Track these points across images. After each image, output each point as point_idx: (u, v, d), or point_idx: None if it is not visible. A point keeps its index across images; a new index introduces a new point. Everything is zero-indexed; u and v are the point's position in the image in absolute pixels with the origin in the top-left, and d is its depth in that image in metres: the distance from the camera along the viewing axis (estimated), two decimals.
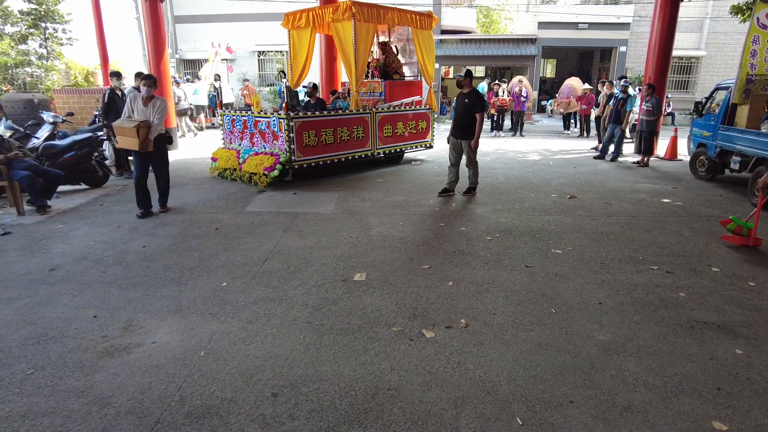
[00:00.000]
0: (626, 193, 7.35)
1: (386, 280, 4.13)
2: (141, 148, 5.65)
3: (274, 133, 7.76)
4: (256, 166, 7.64)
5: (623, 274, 4.30)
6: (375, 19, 8.45)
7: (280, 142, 7.65)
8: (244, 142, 8.39)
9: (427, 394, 2.64)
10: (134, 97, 5.84)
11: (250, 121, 8.20)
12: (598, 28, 21.41)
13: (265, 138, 7.94)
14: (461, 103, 6.80)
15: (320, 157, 8.12)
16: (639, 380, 2.77)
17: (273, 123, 7.72)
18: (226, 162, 8.24)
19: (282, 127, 7.51)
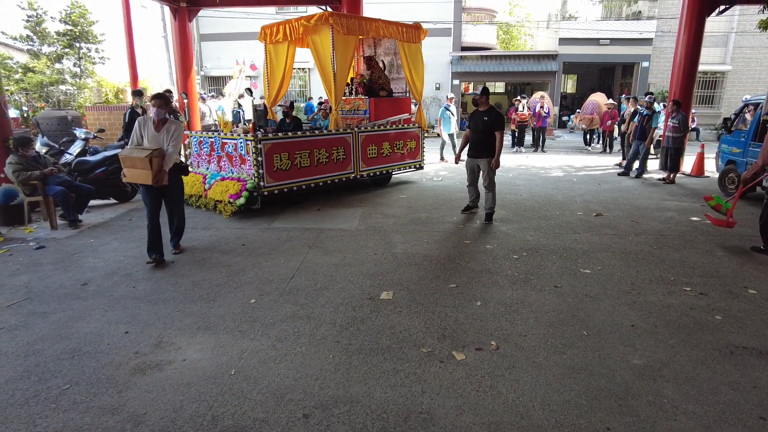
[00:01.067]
0: (653, 211, 7.22)
1: (413, 299, 4.11)
2: (155, 182, 4.73)
3: (241, 157, 7.00)
4: (221, 193, 6.91)
5: (655, 295, 4.21)
6: (357, 31, 7.84)
7: (247, 167, 6.89)
8: (212, 166, 7.67)
9: (460, 419, 2.60)
10: (144, 122, 4.98)
11: (216, 143, 7.41)
12: (619, 44, 21.30)
13: (232, 162, 7.20)
14: (479, 120, 6.47)
15: (294, 182, 7.32)
16: (678, 408, 2.69)
17: (240, 145, 6.97)
18: (191, 188, 7.36)
19: (249, 150, 6.75)
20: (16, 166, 6.35)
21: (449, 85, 22.47)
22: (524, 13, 35.88)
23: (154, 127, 4.92)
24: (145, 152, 4.69)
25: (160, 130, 4.93)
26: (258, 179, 6.78)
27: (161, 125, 4.94)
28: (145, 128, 4.95)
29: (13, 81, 14.70)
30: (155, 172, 4.70)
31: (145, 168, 4.70)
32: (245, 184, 6.69)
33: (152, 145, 4.83)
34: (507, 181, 9.79)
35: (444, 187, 9.24)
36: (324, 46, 7.62)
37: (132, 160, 4.79)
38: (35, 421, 2.62)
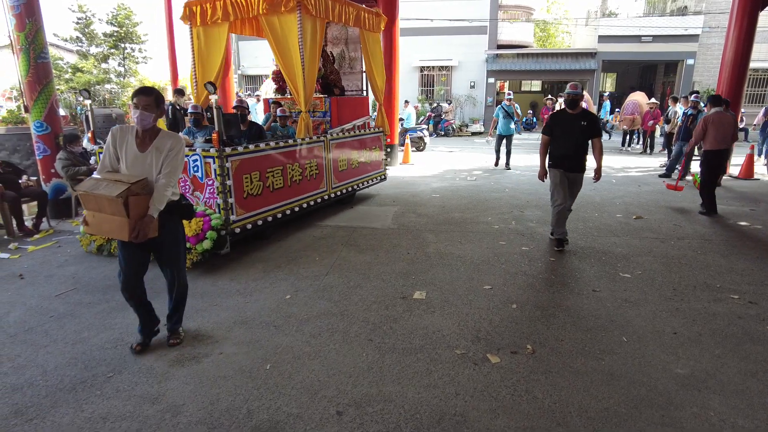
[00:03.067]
0: (696, 215, 6.94)
1: (446, 299, 4.08)
2: (134, 237, 2.92)
3: (196, 180, 5.06)
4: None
5: (699, 302, 4.04)
6: (324, 14, 6.15)
7: (207, 194, 5.01)
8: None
9: (495, 422, 2.56)
10: (121, 134, 3.06)
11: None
12: (663, 41, 20.58)
13: (189, 186, 5.15)
14: (573, 125, 5.13)
15: (268, 210, 5.60)
16: (726, 421, 2.57)
17: (194, 164, 4.99)
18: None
19: (210, 171, 4.90)
20: (65, 161, 6.64)
21: (484, 83, 22.21)
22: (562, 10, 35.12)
23: (136, 143, 3.02)
24: (118, 187, 2.82)
25: (147, 148, 3.01)
26: (226, 211, 4.94)
27: (149, 140, 3.04)
28: (122, 144, 3.00)
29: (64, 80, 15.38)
30: (134, 219, 2.87)
31: (118, 213, 2.85)
32: (208, 220, 4.82)
33: (133, 171, 2.99)
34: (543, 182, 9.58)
35: (477, 187, 9.13)
36: (288, 31, 5.82)
37: (97, 200, 2.88)
38: (82, 406, 2.73)
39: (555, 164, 5.37)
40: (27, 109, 6.81)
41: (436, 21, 20.82)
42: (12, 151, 8.69)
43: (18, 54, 6.50)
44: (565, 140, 5.23)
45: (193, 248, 4.76)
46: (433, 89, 23.14)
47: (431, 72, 22.96)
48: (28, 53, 6.40)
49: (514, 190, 8.76)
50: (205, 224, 4.80)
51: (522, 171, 10.95)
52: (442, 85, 22.99)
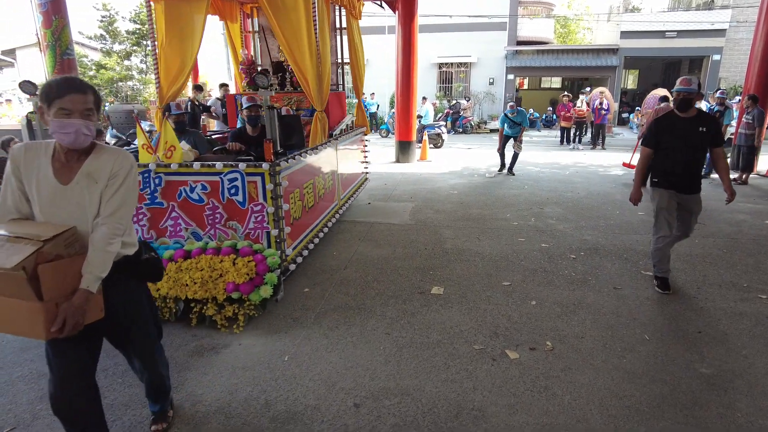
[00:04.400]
0: (722, 213, 6.76)
1: (464, 295, 4.05)
2: (58, 332, 1.73)
3: (233, 207, 3.84)
4: (204, 284, 3.51)
5: (725, 301, 3.94)
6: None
7: (252, 224, 3.85)
8: (136, 230, 3.44)
9: (513, 418, 2.53)
10: (28, 157, 1.90)
11: (149, 182, 3.84)
12: (688, 36, 20.10)
13: (201, 219, 3.90)
14: (691, 133, 3.94)
15: (306, 237, 4.71)
16: (754, 423, 2.50)
17: (231, 184, 3.78)
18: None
19: (257, 193, 3.76)
20: None
21: (503, 80, 22.00)
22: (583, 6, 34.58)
23: (54, 169, 1.90)
24: (19, 251, 1.67)
25: (73, 177, 1.90)
26: (281, 243, 3.90)
27: (75, 163, 1.92)
28: (31, 173, 1.89)
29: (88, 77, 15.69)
30: (53, 301, 1.74)
31: (21, 296, 1.70)
32: (262, 259, 3.61)
33: (52, 217, 1.89)
34: (564, 178, 9.48)
35: (496, 183, 9.05)
36: (298, 10, 4.61)
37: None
38: (104, 393, 2.77)
39: (663, 183, 4.11)
40: None
41: (455, 17, 20.67)
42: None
43: (45, 50, 6.65)
44: (677, 152, 4.00)
45: (246, 299, 3.50)
46: (451, 86, 23.00)
47: (450, 69, 22.83)
48: (54, 49, 6.54)
49: (534, 186, 8.66)
50: (260, 265, 3.55)
51: (541, 168, 10.83)
52: (461, 82, 22.84)
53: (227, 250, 3.63)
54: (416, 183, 9.04)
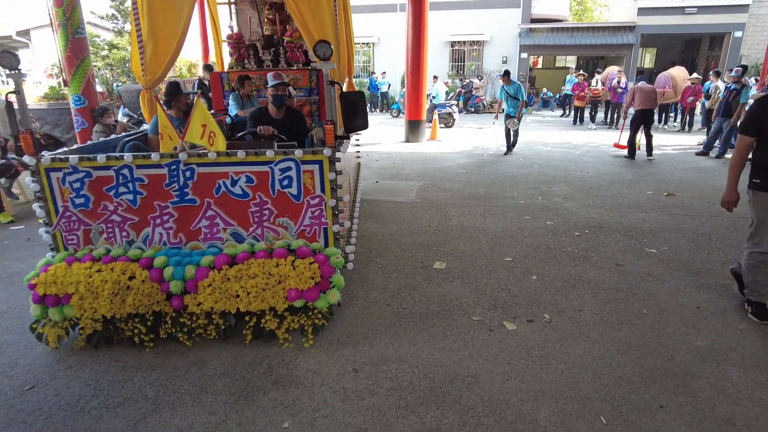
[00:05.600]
0: None
1: (466, 270, 4.11)
2: None
3: (285, 201, 3.21)
4: (259, 293, 2.99)
5: (727, 279, 3.94)
6: None
7: (309, 220, 3.25)
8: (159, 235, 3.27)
9: (506, 384, 2.61)
10: None
11: (177, 177, 3.16)
12: (709, 12, 19.50)
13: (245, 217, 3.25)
14: None
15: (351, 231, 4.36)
16: (743, 393, 2.55)
17: (284, 174, 3.16)
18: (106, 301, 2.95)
19: (314, 184, 3.19)
20: (100, 134, 6.89)
21: (517, 58, 21.65)
22: None
23: None
24: None
25: None
26: (343, 240, 3.48)
27: None
28: None
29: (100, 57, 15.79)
30: None
31: None
32: (325, 259, 3.09)
33: None
34: (574, 158, 9.41)
35: (505, 163, 9.02)
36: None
37: None
38: (117, 357, 2.92)
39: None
40: (66, 83, 7.07)
41: None
42: (53, 125, 9.08)
43: (57, 30, 6.73)
44: None
45: (311, 307, 3.05)
46: (464, 65, 22.71)
47: (462, 47, 22.50)
48: (66, 28, 6.61)
49: (543, 166, 8.62)
50: (324, 267, 3.03)
51: (552, 147, 10.74)
52: (473, 61, 22.54)
53: (281, 252, 3.06)
54: (425, 162, 9.06)
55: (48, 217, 3.16)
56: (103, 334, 3.02)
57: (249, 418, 2.39)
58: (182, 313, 3.03)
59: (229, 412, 2.44)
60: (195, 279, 2.97)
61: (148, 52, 3.84)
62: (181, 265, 3.01)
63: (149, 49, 3.84)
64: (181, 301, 3.00)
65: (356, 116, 3.55)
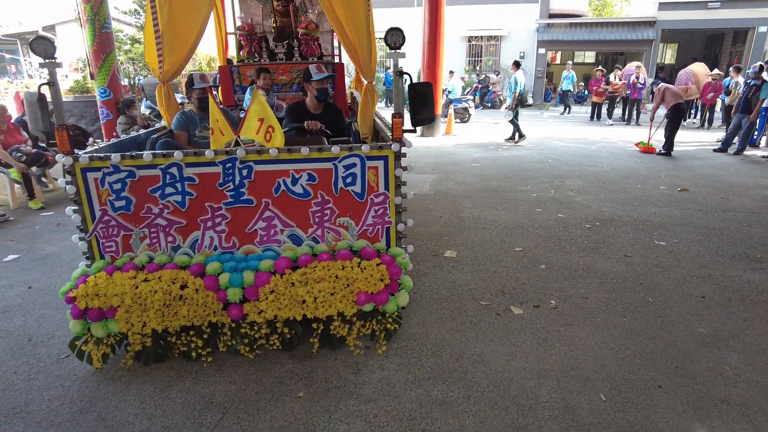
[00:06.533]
0: (749, 189, 6.67)
1: (476, 259, 4.23)
2: None
3: (348, 199, 3.00)
4: (326, 299, 2.80)
5: (735, 271, 4.00)
6: None
7: (372, 219, 3.05)
8: (209, 239, 2.98)
9: (511, 363, 2.74)
10: None
11: (232, 175, 2.88)
12: (732, 6, 19.15)
13: (305, 218, 3.01)
14: None
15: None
16: (741, 376, 2.64)
17: (348, 171, 2.95)
18: (156, 313, 2.71)
19: (378, 180, 3.00)
20: (124, 125, 7.14)
21: (534, 54, 21.54)
22: None
23: None
24: None
25: None
26: (402, 240, 3.19)
27: None
28: None
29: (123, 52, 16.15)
30: None
31: None
32: (391, 260, 2.94)
33: None
34: (589, 153, 9.42)
35: (519, 157, 9.07)
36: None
37: None
38: None
39: None
40: (93, 76, 7.34)
41: None
42: (79, 117, 9.39)
43: (85, 25, 6.99)
44: None
45: (380, 311, 2.90)
46: (481, 60, 22.67)
47: (479, 42, 22.46)
48: (93, 23, 6.87)
49: (557, 161, 8.66)
50: (392, 268, 2.88)
51: (567, 143, 10.75)
52: (490, 56, 22.48)
53: (345, 254, 2.87)
54: (439, 156, 9.16)
55: (83, 222, 2.81)
56: (152, 349, 2.75)
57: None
58: (242, 323, 2.79)
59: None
60: (255, 285, 2.73)
61: (167, 44, 3.56)
62: (238, 270, 2.78)
63: (167, 41, 3.56)
64: (240, 310, 2.75)
65: (424, 108, 3.32)
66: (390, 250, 3.04)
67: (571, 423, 2.29)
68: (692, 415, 2.34)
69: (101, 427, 2.30)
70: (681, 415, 2.34)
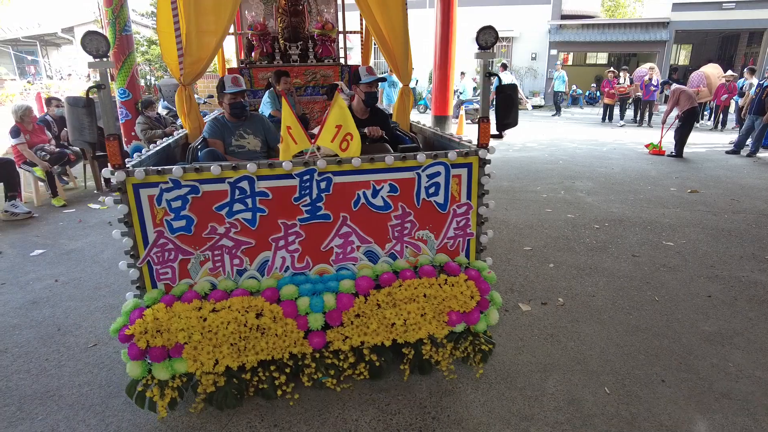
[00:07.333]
0: (760, 191, 6.68)
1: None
2: None
3: (430, 210, 2.72)
4: (417, 321, 2.54)
5: (742, 271, 4.05)
6: None
7: (453, 231, 2.80)
8: (281, 260, 2.60)
9: (518, 357, 2.83)
10: None
11: (310, 189, 2.52)
12: (747, 7, 19.02)
13: (383, 232, 2.70)
14: None
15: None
16: (743, 372, 2.71)
17: (431, 180, 2.68)
18: (230, 348, 2.36)
19: (461, 189, 2.76)
20: (143, 125, 7.33)
21: (546, 55, 21.53)
22: None
23: None
24: None
25: None
26: (482, 253, 2.96)
27: None
28: None
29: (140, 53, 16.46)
30: None
31: None
32: (476, 275, 2.71)
33: None
34: (600, 155, 9.46)
35: (530, 158, 9.14)
36: None
37: None
38: None
39: None
40: (113, 78, 7.54)
41: None
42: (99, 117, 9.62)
43: (105, 28, 7.19)
44: None
45: (471, 332, 2.73)
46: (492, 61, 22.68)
47: None
48: (114, 26, 7.06)
49: (568, 162, 8.71)
50: (480, 284, 2.67)
51: (578, 144, 10.78)
52: (503, 57, 22.49)
53: (429, 270, 2.62)
54: None
55: (135, 247, 2.39)
56: (227, 389, 2.40)
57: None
58: (324, 353, 2.50)
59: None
60: (338, 309, 2.45)
61: (189, 43, 3.32)
62: (317, 293, 2.48)
63: (189, 40, 3.31)
64: (322, 338, 2.45)
65: (510, 112, 3.08)
66: (474, 264, 2.80)
67: (576, 414, 2.38)
68: (694, 408, 2.42)
69: (128, 411, 2.44)
70: (683, 408, 2.42)
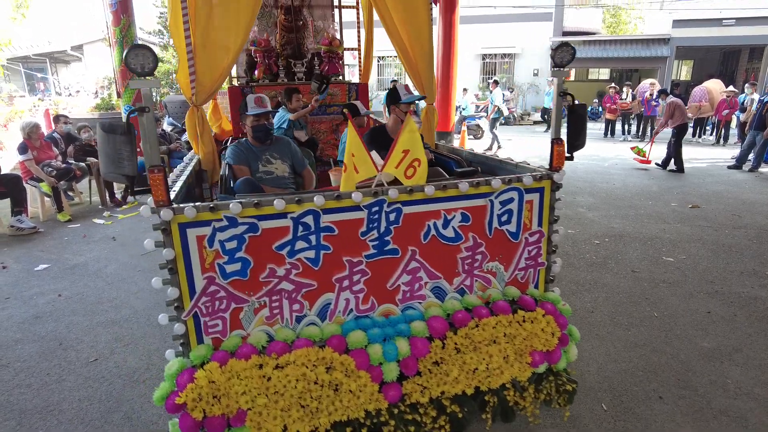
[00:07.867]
0: (761, 206, 6.68)
1: None
2: None
3: (501, 240, 2.42)
4: (499, 364, 2.23)
5: (743, 287, 4.05)
6: None
7: (525, 261, 2.51)
8: (344, 302, 2.21)
9: None
10: None
11: (378, 221, 2.17)
12: (748, 23, 19.15)
13: (452, 266, 2.37)
14: None
15: None
16: (742, 389, 2.70)
17: (504, 208, 2.39)
18: (301, 412, 1.97)
19: (532, 215, 2.48)
20: None
21: (548, 72, 21.69)
22: None
23: None
24: None
25: None
26: (550, 283, 2.67)
27: None
28: None
29: None
30: None
31: None
32: (553, 309, 2.43)
33: None
34: (601, 170, 9.49)
35: None
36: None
37: None
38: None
39: None
40: (119, 95, 7.69)
41: (499, 8, 20.56)
42: None
43: (113, 46, 7.35)
44: None
45: (552, 371, 2.43)
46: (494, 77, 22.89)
47: (493, 60, 22.72)
48: (122, 45, 7.21)
49: (569, 177, 8.73)
50: (559, 319, 2.40)
51: (579, 159, 10.79)
52: (504, 73, 22.70)
53: (503, 306, 2.33)
54: None
55: (180, 298, 1.96)
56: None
57: None
58: (401, 407, 2.11)
59: None
60: (412, 356, 2.11)
61: (201, 65, 3.05)
62: (388, 338, 2.13)
63: (201, 63, 3.05)
64: (398, 390, 2.10)
65: (581, 133, 2.82)
66: (547, 296, 2.53)
67: (572, 430, 2.38)
68: (692, 426, 2.42)
69: (127, 426, 2.46)
70: (680, 425, 2.42)
